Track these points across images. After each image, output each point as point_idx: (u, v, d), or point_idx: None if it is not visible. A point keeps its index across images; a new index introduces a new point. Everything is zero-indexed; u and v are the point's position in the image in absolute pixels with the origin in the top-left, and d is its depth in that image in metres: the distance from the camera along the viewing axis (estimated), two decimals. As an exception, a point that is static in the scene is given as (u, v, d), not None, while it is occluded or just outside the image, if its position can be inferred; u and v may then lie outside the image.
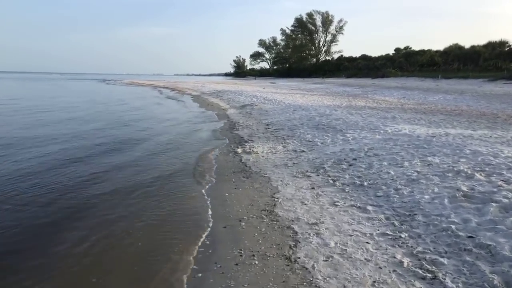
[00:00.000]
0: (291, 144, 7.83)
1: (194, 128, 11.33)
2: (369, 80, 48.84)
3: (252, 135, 9.23)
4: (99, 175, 5.90)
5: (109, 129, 10.97)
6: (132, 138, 9.44)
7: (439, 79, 39.34)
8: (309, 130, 9.11)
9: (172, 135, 10.15)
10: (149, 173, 6.12)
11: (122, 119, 13.64)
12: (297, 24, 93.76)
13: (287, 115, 12.37)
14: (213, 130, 10.55)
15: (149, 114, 15.64)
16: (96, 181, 5.58)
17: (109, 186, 5.37)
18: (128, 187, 5.30)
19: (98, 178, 5.76)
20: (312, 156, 6.64)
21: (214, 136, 9.60)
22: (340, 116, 11.08)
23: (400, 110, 14.02)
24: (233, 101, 19.32)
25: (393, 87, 33.82)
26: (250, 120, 12.16)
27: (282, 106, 15.26)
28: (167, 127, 11.75)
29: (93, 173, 6.03)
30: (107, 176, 5.90)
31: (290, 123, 10.51)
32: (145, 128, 11.51)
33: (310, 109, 13.35)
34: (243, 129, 10.23)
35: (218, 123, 12.15)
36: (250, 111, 14.49)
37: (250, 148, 7.56)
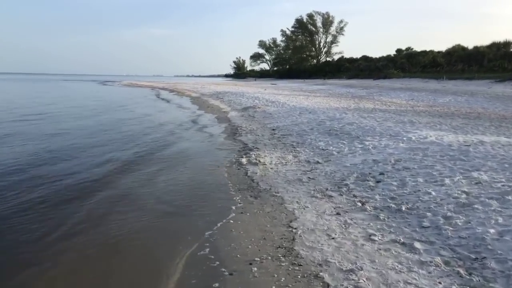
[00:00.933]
0: (303, 153, 6.88)
1: (192, 134, 10.39)
2: (371, 81, 48.01)
3: (257, 141, 8.28)
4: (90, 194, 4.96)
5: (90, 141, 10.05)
6: (121, 147, 8.49)
7: (444, 80, 38.47)
8: (320, 137, 8.16)
9: (166, 143, 9.21)
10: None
11: (108, 125, 12.72)
12: (298, 25, 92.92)
13: (294, 118, 11.42)
14: (213, 136, 9.61)
15: (140, 117, 14.70)
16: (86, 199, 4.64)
17: (83, 211, 4.42)
18: (102, 215, 4.31)
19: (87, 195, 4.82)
20: (330, 168, 5.70)
21: (214, 142, 8.65)
22: (352, 120, 10.13)
23: (414, 113, 13.09)
24: (234, 103, 18.39)
25: (398, 88, 32.93)
26: (253, 124, 11.21)
27: (286, 109, 14.31)
28: (157, 130, 10.81)
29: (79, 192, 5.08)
30: (83, 199, 4.95)
31: (298, 128, 9.56)
32: (135, 133, 10.57)
33: (318, 112, 12.41)
34: (246, 135, 9.28)
35: (219, 127, 11.20)
36: (253, 114, 13.54)
37: (256, 158, 6.61)
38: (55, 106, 18.37)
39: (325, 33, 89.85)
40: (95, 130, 10.91)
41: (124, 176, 5.85)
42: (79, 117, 14.33)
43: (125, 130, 10.93)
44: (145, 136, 9.79)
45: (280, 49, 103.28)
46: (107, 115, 15.10)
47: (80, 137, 9.54)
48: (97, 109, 17.28)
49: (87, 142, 8.76)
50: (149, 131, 10.74)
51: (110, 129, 11.11)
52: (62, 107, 18.05)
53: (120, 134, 9.95)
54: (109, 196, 4.86)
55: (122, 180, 5.65)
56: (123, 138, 9.41)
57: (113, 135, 9.89)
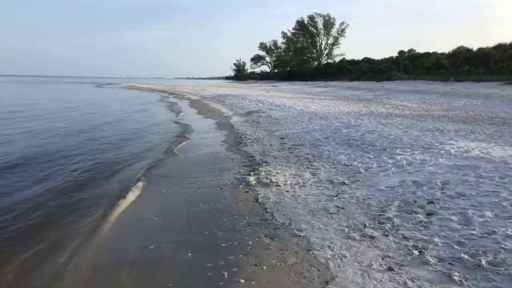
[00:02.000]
0: (322, 169, 5.74)
1: (189, 144, 9.26)
2: (374, 83, 47.08)
3: (266, 153, 7.15)
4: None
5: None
6: (101, 165, 7.37)
7: (451, 82, 37.44)
8: (339, 148, 7.03)
9: (156, 154, 8.10)
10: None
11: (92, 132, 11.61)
12: (299, 27, 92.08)
13: (304, 125, 10.29)
14: (214, 145, 8.48)
15: (130, 124, 13.59)
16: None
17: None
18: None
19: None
20: (361, 193, 4.56)
21: (215, 154, 7.51)
22: (371, 127, 9.00)
23: (433, 118, 11.96)
24: (237, 107, 17.26)
25: (404, 90, 31.84)
26: (259, 131, 10.08)
27: (294, 113, 13.19)
28: (149, 137, 9.72)
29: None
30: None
31: (311, 137, 8.42)
32: (124, 142, 9.47)
33: (329, 117, 11.28)
34: (252, 144, 8.14)
35: (220, 135, 10.06)
36: (258, 119, 12.41)
37: (266, 176, 5.48)
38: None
39: (326, 35, 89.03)
40: (61, 132, 9.84)
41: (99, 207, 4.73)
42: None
43: (136, 141, 9.83)
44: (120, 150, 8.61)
45: (281, 51, 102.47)
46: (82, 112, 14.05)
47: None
48: (80, 110, 16.25)
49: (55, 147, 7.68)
50: (132, 138, 9.64)
51: (81, 132, 10.12)
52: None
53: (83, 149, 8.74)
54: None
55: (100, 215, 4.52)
56: (82, 156, 8.27)
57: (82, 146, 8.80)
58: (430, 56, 56.64)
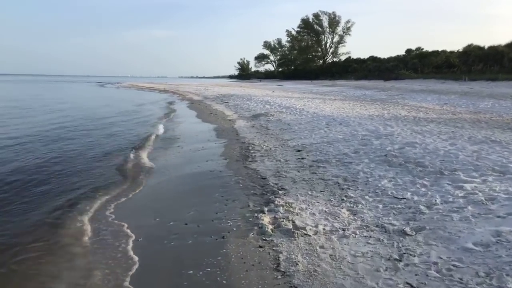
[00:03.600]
0: (363, 203, 4.12)
1: (179, 157, 7.65)
2: (382, 82, 45.33)
3: (281, 173, 5.54)
4: None
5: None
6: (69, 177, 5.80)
7: (465, 81, 35.61)
8: (377, 168, 5.39)
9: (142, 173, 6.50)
10: None
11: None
12: (303, 25, 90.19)
13: (322, 133, 8.65)
14: (214, 161, 6.86)
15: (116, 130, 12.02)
16: None
17: None
18: None
19: None
20: (438, 254, 2.93)
21: (214, 175, 5.89)
22: (407, 137, 7.35)
23: (470, 123, 10.28)
24: (241, 109, 15.63)
25: (418, 90, 30.09)
26: (269, 139, 8.47)
27: (307, 117, 11.55)
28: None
29: None
30: None
31: (335, 150, 6.79)
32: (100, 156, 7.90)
33: (351, 123, 9.64)
34: (262, 159, 6.53)
35: (222, 144, 8.42)
36: (266, 124, 10.79)
37: (287, 214, 3.87)
38: None
39: (332, 33, 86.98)
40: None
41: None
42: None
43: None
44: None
45: (285, 49, 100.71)
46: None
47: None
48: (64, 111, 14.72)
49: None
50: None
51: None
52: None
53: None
54: None
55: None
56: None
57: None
58: (439, 55, 54.88)
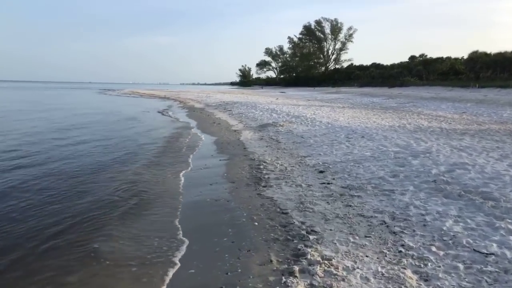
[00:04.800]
0: (433, 261, 2.90)
1: (179, 181, 6.44)
2: (387, 89, 44.34)
3: (306, 206, 4.34)
4: None
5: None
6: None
7: (476, 88, 34.53)
8: (430, 200, 4.19)
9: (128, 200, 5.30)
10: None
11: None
12: (305, 32, 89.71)
13: (344, 148, 7.46)
14: (218, 184, 5.66)
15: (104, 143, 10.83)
16: None
17: None
18: None
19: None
20: None
21: (218, 206, 4.68)
22: (452, 156, 6.14)
23: (506, 135, 9.11)
24: (247, 118, 14.47)
25: (428, 97, 28.94)
26: (282, 155, 7.28)
27: (321, 128, 10.38)
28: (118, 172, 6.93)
29: None
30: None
31: (366, 171, 5.59)
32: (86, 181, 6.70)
33: (375, 136, 8.46)
34: (279, 184, 5.34)
35: (227, 162, 7.20)
36: (276, 136, 9.62)
37: (327, 277, 2.68)
38: None
39: (334, 40, 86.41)
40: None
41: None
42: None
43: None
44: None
45: (287, 56, 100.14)
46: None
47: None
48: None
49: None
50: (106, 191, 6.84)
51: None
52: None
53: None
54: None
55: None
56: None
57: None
58: (444, 61, 54.05)
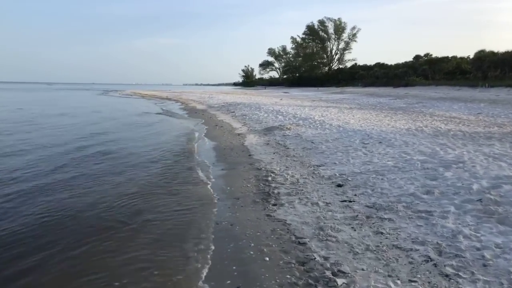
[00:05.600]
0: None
1: (174, 197, 5.67)
2: (392, 89, 43.43)
3: (326, 231, 3.56)
4: None
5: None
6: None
7: (485, 88, 33.59)
8: (482, 228, 3.38)
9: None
10: None
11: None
12: (309, 32, 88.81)
13: (361, 155, 6.67)
14: (221, 202, 4.89)
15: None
16: None
17: None
18: None
19: None
20: None
21: (221, 228, 3.91)
22: (491, 167, 5.32)
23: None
24: (251, 120, 13.69)
25: (438, 97, 28.01)
26: (291, 164, 6.50)
27: (333, 132, 9.59)
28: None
29: None
30: None
31: (392, 185, 4.80)
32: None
33: (393, 141, 7.66)
34: (291, 201, 4.56)
35: (231, 172, 6.43)
36: (284, 141, 8.84)
37: None
38: None
39: (337, 40, 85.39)
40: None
41: None
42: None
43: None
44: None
45: (290, 56, 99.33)
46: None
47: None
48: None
49: None
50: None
51: None
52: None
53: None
54: None
55: None
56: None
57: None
58: (449, 61, 53.09)
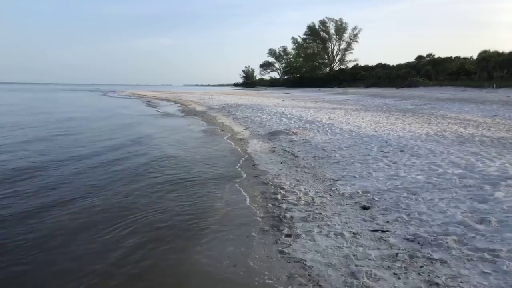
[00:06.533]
0: None
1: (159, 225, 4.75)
2: (395, 90, 42.59)
3: (360, 280, 2.66)
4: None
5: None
6: None
7: (493, 89, 32.76)
8: None
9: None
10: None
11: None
12: (310, 32, 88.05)
13: (383, 166, 5.75)
14: (223, 232, 3.97)
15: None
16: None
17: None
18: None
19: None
20: None
21: (223, 281, 3.02)
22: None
23: None
24: (253, 123, 12.76)
25: (445, 99, 27.02)
26: (303, 176, 5.59)
27: (344, 137, 8.68)
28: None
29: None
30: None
31: (431, 209, 3.89)
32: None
33: (417, 150, 6.74)
34: (308, 228, 3.63)
35: (234, 187, 5.52)
36: (291, 148, 7.92)
37: None
38: None
39: (339, 40, 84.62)
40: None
41: None
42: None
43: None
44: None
45: (291, 57, 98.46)
46: None
47: None
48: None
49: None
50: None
51: None
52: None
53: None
54: None
55: None
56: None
57: None
58: (453, 61, 52.22)
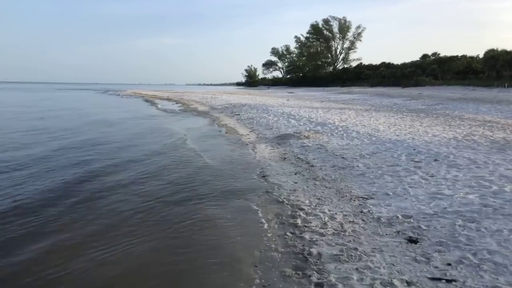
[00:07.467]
0: None
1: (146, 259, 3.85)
2: (400, 89, 41.53)
3: None
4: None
5: None
6: None
7: (505, 88, 31.80)
8: None
9: None
10: None
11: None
12: (313, 31, 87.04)
13: (421, 182, 4.82)
14: (222, 274, 3.08)
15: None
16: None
17: None
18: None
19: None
20: None
21: None
22: None
23: None
24: (259, 125, 11.82)
25: (457, 98, 25.93)
26: (323, 192, 4.67)
27: (364, 143, 7.75)
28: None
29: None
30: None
31: (501, 246, 3.01)
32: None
33: (455, 160, 5.82)
34: (344, 274, 2.71)
35: (243, 208, 4.60)
36: (305, 155, 7.00)
37: None
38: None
39: (342, 39, 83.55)
40: None
41: None
42: None
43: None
44: None
45: (294, 56, 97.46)
46: None
47: None
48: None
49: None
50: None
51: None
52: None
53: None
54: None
55: None
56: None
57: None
58: (459, 60, 51.04)
